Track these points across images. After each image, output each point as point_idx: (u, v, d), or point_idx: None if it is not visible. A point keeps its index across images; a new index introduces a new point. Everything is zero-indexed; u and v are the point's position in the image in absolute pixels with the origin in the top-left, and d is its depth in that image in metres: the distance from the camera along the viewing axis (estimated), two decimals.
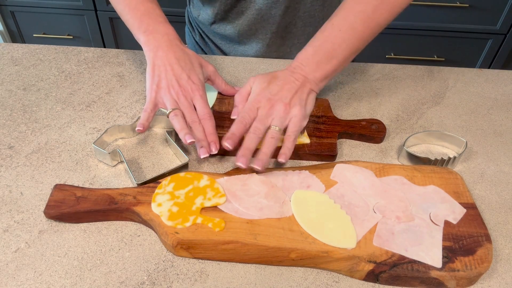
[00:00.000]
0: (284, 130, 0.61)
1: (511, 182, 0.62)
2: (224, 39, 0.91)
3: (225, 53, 0.93)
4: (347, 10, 0.65)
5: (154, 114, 0.63)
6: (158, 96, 0.63)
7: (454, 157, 0.62)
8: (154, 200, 0.53)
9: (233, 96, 0.68)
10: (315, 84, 0.64)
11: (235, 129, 0.59)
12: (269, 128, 0.60)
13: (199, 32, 0.95)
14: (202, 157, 0.59)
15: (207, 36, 0.94)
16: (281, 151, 0.59)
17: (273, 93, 0.62)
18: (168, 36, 0.67)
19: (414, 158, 0.62)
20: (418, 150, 0.67)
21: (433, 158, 0.61)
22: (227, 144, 0.57)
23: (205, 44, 0.96)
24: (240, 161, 0.56)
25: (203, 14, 0.89)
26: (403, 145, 0.64)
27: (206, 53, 0.97)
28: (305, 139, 0.65)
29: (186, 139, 0.58)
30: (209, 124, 0.62)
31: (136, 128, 0.60)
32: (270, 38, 0.88)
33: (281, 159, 0.58)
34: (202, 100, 0.63)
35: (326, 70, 0.64)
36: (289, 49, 0.91)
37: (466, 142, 0.64)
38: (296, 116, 0.60)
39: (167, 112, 0.62)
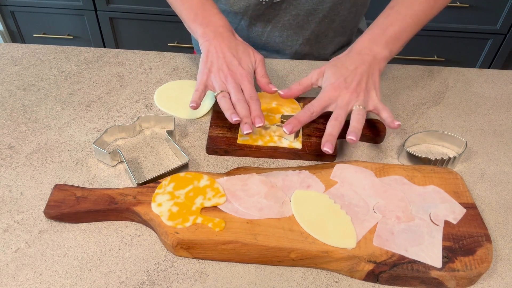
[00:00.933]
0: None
1: (511, 182, 0.62)
2: None
3: None
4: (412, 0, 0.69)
5: (204, 95, 0.66)
6: (209, 79, 0.67)
7: (454, 157, 0.62)
8: (154, 200, 0.53)
9: (263, 91, 0.70)
10: (382, 63, 0.67)
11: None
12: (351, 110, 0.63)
13: None
14: (245, 132, 0.60)
15: None
16: (387, 119, 0.62)
17: (349, 81, 0.64)
18: (223, 28, 0.71)
19: (414, 158, 0.62)
20: (418, 150, 0.67)
21: (433, 158, 0.61)
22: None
23: None
24: (326, 146, 0.58)
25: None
26: (403, 145, 0.64)
27: None
28: (297, 144, 0.64)
29: (232, 118, 0.60)
30: (256, 104, 0.63)
31: (190, 105, 0.62)
32: (299, 45, 0.88)
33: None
34: (249, 85, 0.66)
35: (392, 51, 0.68)
36: (314, 58, 0.92)
37: (466, 142, 0.64)
38: (374, 97, 0.64)
39: (215, 94, 0.65)
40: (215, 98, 0.65)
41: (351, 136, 0.59)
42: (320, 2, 0.81)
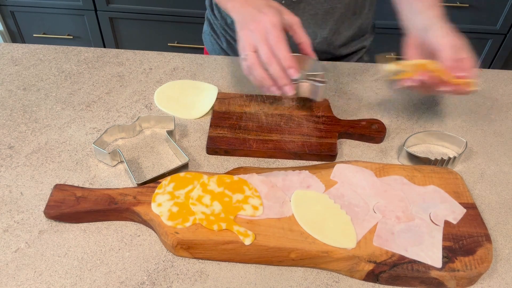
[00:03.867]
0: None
1: (511, 182, 0.62)
2: None
3: None
4: None
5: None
6: (240, 45, 0.62)
7: (454, 157, 0.62)
8: (154, 200, 0.53)
9: (303, 55, 0.66)
10: None
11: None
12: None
13: (227, 39, 0.94)
14: (289, 94, 0.59)
15: (237, 42, 0.93)
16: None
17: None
18: None
19: (414, 158, 0.62)
20: (418, 150, 0.67)
21: (433, 158, 0.61)
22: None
23: (234, 51, 0.94)
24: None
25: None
26: (403, 145, 0.64)
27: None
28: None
29: (273, 92, 0.60)
30: (282, 49, 0.59)
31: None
32: (317, 44, 0.88)
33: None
34: (271, 27, 0.60)
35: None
36: (330, 56, 0.91)
37: (466, 142, 0.64)
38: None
39: (243, 56, 0.61)
40: (243, 60, 0.61)
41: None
42: (338, 1, 0.81)
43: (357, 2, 0.83)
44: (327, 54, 0.91)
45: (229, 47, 0.95)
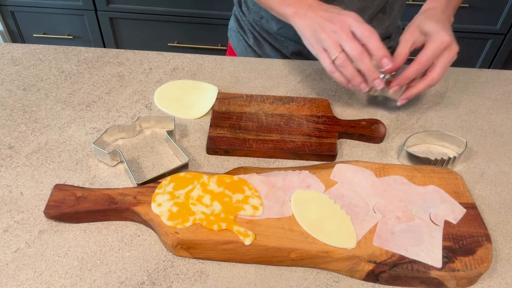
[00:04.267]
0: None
1: (511, 182, 0.62)
2: (289, 41, 0.90)
3: (285, 56, 0.93)
4: None
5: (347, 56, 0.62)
6: (324, 47, 0.63)
7: (454, 157, 0.62)
8: (154, 200, 0.53)
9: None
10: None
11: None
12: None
13: (254, 35, 0.94)
14: (379, 88, 0.60)
15: (264, 39, 0.93)
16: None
17: (451, 35, 0.65)
18: (315, 2, 0.68)
19: (414, 158, 0.62)
20: (418, 150, 0.67)
21: (433, 158, 0.61)
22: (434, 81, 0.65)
23: (261, 47, 0.95)
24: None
25: (268, 18, 0.89)
26: (403, 145, 0.64)
27: (260, 56, 0.95)
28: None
29: (363, 89, 0.62)
30: (374, 39, 0.61)
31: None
32: None
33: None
34: (357, 23, 0.62)
35: (451, 21, 0.71)
36: None
37: (466, 142, 0.64)
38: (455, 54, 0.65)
39: (333, 58, 0.62)
40: (333, 64, 0.62)
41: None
42: (371, 1, 0.81)
43: (387, 3, 0.84)
44: None
45: (256, 44, 0.95)
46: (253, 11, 0.91)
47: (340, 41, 0.61)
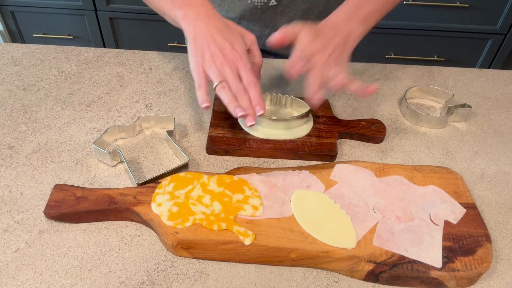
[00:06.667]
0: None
1: (511, 182, 0.62)
2: None
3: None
4: None
5: (208, 86, 0.61)
6: (205, 69, 0.62)
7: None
8: (154, 200, 0.53)
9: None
10: (357, 39, 0.66)
11: (313, 83, 0.61)
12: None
13: None
14: (248, 125, 0.58)
15: None
16: (336, 81, 0.61)
17: (324, 45, 0.63)
18: (205, 7, 0.66)
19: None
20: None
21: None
22: (316, 103, 0.60)
23: None
24: (316, 100, 0.60)
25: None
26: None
27: None
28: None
29: (237, 112, 0.57)
30: (255, 91, 0.60)
31: (203, 106, 0.58)
32: None
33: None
34: (246, 69, 0.61)
35: (366, 29, 0.67)
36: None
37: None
38: (343, 71, 0.62)
39: (214, 85, 0.60)
40: (214, 90, 0.60)
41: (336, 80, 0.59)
42: (316, 1, 0.81)
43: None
44: None
45: None
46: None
47: (225, 75, 0.61)
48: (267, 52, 0.91)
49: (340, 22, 0.66)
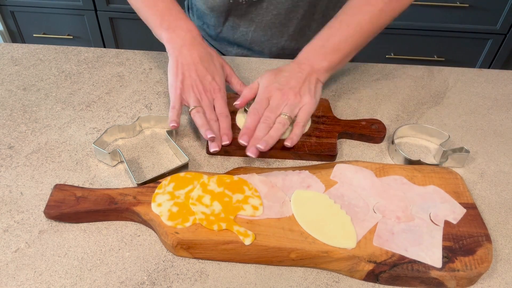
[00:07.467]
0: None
1: (511, 182, 0.62)
2: (232, 45, 0.92)
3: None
4: (355, 9, 0.69)
5: (181, 110, 0.65)
6: (182, 94, 0.65)
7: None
8: (154, 200, 0.53)
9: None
10: (321, 73, 0.67)
11: (249, 122, 0.62)
12: (278, 116, 0.63)
13: (206, 40, 0.95)
14: (212, 150, 0.61)
15: (211, 44, 0.95)
16: (290, 136, 0.62)
17: (282, 84, 0.65)
18: (191, 33, 0.69)
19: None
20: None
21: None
22: (243, 141, 0.60)
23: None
24: (250, 151, 0.59)
25: (208, 22, 0.90)
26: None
27: None
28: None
29: (207, 134, 0.61)
30: (225, 121, 0.64)
31: (171, 125, 0.61)
32: (285, 41, 0.88)
33: (287, 143, 0.61)
34: (222, 101, 0.66)
35: (332, 62, 0.67)
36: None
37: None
38: (307, 104, 0.64)
39: (190, 109, 0.64)
40: (189, 112, 0.64)
41: (260, 144, 0.59)
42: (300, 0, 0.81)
43: None
44: (297, 50, 0.91)
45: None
46: (198, 17, 0.93)
47: (202, 103, 0.65)
48: (252, 50, 0.91)
49: (304, 59, 0.68)
